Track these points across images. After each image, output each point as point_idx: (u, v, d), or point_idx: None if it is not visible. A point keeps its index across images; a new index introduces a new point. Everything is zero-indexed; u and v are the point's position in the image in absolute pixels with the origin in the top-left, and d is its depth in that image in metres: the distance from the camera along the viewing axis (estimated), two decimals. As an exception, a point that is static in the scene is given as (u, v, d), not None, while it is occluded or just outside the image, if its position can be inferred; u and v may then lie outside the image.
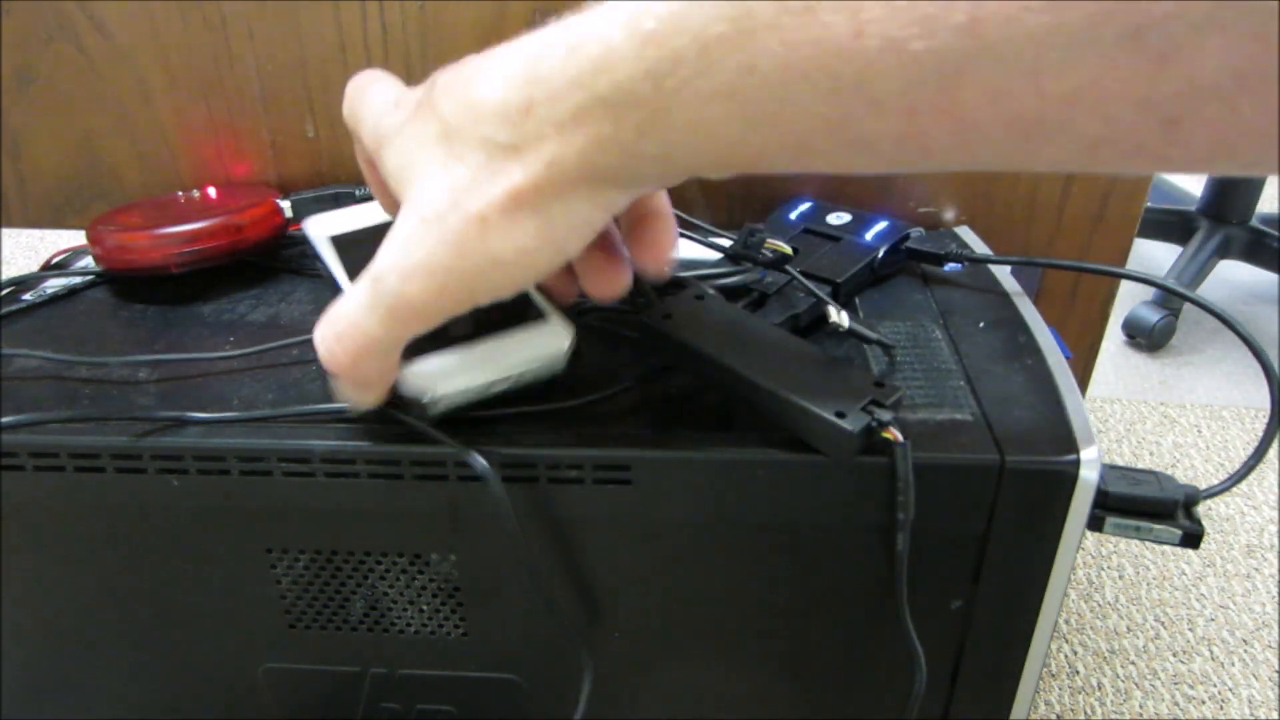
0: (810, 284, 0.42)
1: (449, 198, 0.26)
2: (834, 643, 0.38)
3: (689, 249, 0.49)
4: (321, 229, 0.42)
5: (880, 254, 0.46)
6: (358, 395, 0.32)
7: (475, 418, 0.36)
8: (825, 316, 0.40)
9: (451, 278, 0.27)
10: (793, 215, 0.51)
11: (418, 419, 0.34)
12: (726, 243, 0.45)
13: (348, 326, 0.29)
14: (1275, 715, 0.59)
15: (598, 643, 0.39)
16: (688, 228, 0.49)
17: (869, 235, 0.47)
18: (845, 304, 0.45)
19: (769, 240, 0.43)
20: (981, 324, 0.42)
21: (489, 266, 0.27)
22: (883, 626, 0.37)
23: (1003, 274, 0.47)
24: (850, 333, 0.39)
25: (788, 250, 0.43)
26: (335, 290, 0.37)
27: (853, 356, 0.40)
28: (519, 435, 0.35)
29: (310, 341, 0.31)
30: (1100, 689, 0.60)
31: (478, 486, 0.35)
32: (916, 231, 0.49)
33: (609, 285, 0.33)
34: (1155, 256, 1.31)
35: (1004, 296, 0.44)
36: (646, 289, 0.39)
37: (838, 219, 0.49)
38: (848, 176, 0.56)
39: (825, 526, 0.35)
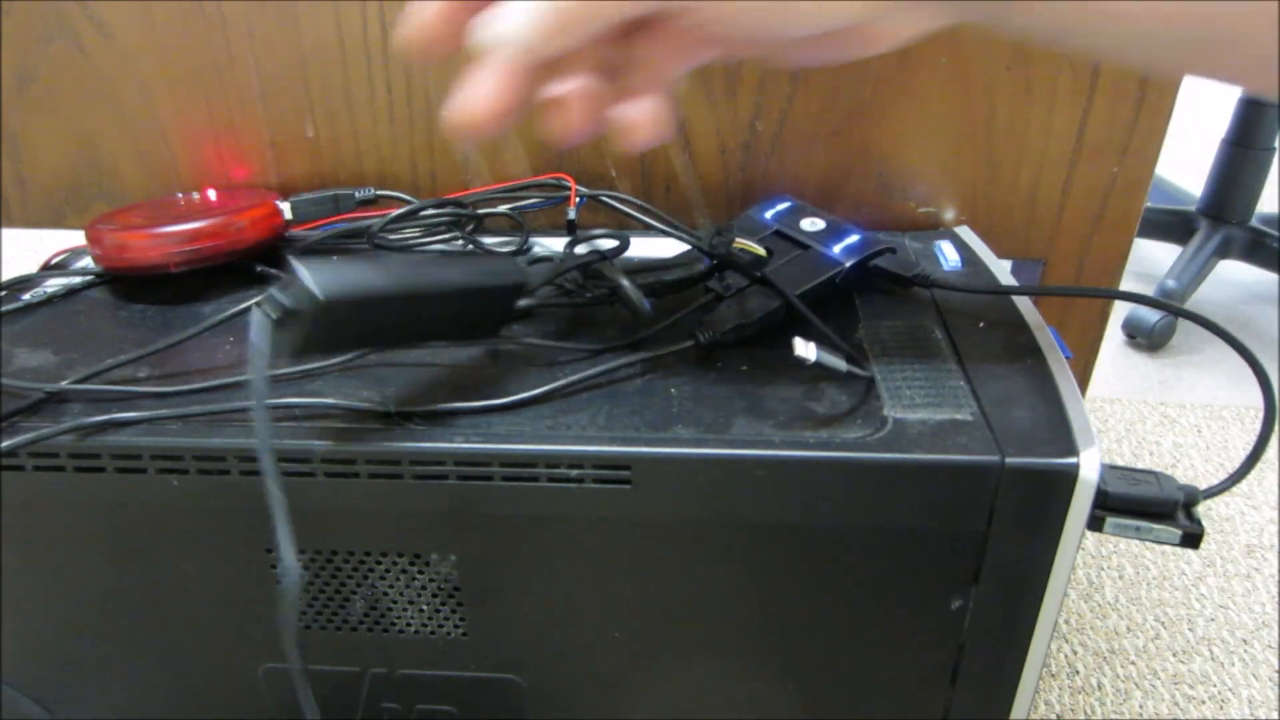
0: (770, 297, 0.40)
1: None
2: (833, 642, 0.38)
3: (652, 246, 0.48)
4: None
5: (844, 270, 0.43)
6: (478, 106, 0.28)
7: (473, 414, 0.36)
8: (793, 348, 0.36)
9: None
10: (768, 214, 0.48)
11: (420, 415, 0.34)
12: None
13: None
14: (1275, 715, 0.59)
15: (598, 643, 0.39)
16: (655, 219, 0.48)
17: (837, 248, 0.44)
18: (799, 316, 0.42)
19: (738, 240, 0.42)
20: (981, 324, 0.42)
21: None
22: (882, 626, 0.37)
23: (1003, 273, 0.47)
24: (819, 365, 0.35)
25: (761, 252, 0.42)
26: None
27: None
28: (519, 435, 0.35)
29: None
30: (1100, 689, 0.60)
31: (478, 486, 0.35)
32: (898, 244, 0.47)
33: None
34: (1155, 256, 1.31)
35: (1004, 297, 0.44)
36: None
37: (812, 225, 0.46)
38: (848, 178, 0.56)
39: (824, 526, 0.35)
